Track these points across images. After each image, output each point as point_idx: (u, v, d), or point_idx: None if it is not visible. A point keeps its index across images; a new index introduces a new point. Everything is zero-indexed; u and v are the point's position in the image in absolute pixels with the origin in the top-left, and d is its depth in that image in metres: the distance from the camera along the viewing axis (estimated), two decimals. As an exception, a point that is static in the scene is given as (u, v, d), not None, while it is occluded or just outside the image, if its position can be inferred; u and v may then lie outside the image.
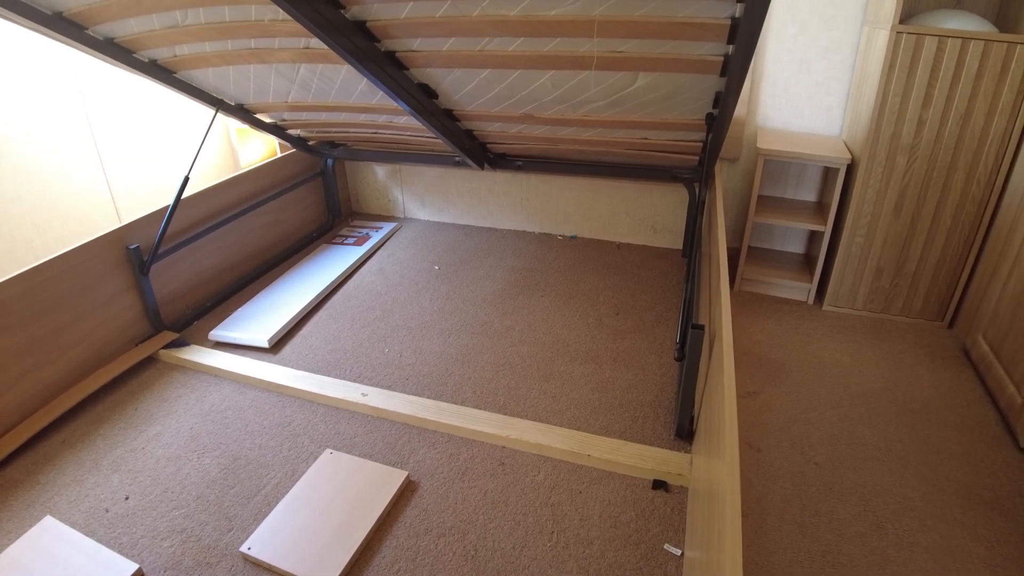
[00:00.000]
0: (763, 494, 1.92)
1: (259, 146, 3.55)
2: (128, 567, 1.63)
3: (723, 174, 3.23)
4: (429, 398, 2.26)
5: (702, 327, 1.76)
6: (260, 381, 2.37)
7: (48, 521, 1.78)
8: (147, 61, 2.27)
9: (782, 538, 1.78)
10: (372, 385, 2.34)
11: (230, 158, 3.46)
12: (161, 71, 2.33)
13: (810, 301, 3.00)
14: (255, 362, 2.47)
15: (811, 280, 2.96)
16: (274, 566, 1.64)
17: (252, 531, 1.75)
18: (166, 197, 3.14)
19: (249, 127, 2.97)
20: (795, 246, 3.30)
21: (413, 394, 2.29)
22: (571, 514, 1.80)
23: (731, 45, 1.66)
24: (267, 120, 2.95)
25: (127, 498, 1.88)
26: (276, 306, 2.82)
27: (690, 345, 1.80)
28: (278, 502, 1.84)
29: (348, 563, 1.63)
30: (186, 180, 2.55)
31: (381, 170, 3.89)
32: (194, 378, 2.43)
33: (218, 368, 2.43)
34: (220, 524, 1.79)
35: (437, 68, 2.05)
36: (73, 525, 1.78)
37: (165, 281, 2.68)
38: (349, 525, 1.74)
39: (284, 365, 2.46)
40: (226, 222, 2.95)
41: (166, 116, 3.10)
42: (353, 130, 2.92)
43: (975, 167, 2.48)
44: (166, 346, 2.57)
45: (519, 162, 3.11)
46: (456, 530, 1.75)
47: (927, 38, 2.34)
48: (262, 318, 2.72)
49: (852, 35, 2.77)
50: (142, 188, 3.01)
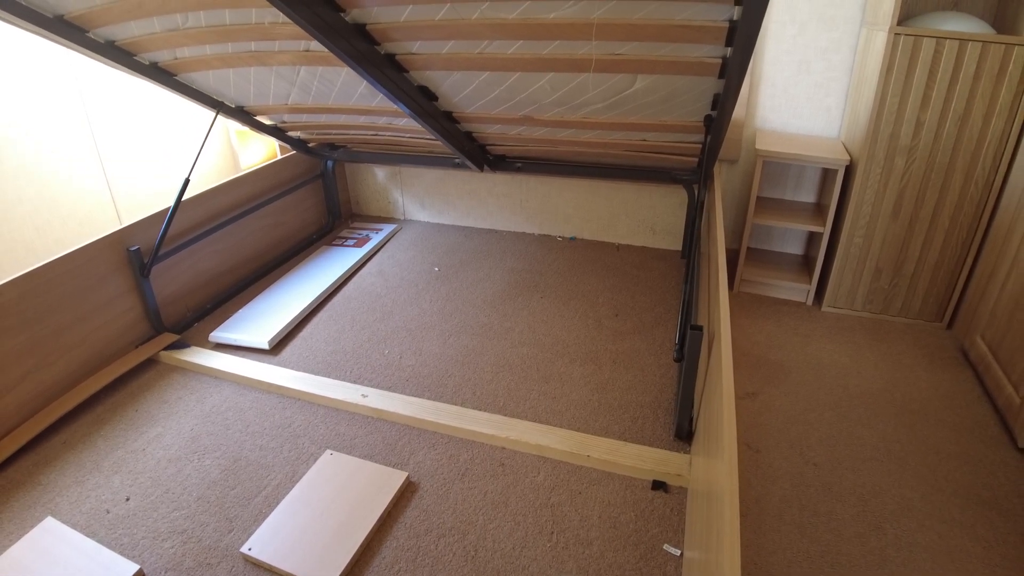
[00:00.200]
0: (762, 494, 1.93)
1: (259, 148, 3.56)
2: (129, 568, 1.64)
3: (722, 176, 3.23)
4: (429, 399, 2.27)
5: (700, 328, 1.77)
6: (260, 382, 2.37)
7: (49, 522, 1.78)
8: (148, 64, 2.28)
9: (781, 538, 1.78)
10: (372, 386, 2.35)
11: (230, 160, 3.47)
12: (162, 74, 2.34)
13: (809, 302, 3.01)
14: (255, 363, 2.47)
15: (810, 281, 2.97)
16: (274, 567, 1.64)
17: (253, 532, 1.75)
18: (166, 198, 3.14)
19: (249, 129, 2.97)
20: (794, 247, 3.30)
21: (413, 395, 2.29)
22: (571, 515, 1.80)
23: (729, 47, 1.66)
24: (267, 122, 2.96)
25: (128, 499, 1.89)
26: (276, 308, 2.83)
27: (689, 346, 1.81)
28: (278, 503, 1.85)
29: (348, 564, 1.64)
30: (187, 182, 2.56)
31: (381, 172, 3.90)
32: (195, 379, 2.43)
33: (218, 370, 2.44)
34: (221, 525, 1.80)
35: (437, 71, 2.06)
36: (74, 526, 1.79)
37: (165, 283, 2.68)
38: (349, 526, 1.74)
39: (284, 366, 2.47)
40: (226, 224, 2.96)
41: (166, 117, 3.11)
42: (353, 132, 2.92)
43: (973, 168, 2.49)
44: (167, 348, 2.57)
45: (519, 164, 3.11)
46: (456, 531, 1.76)
47: (925, 39, 2.35)
48: (262, 320, 2.72)
49: (851, 36, 2.78)
50: (142, 189, 3.01)
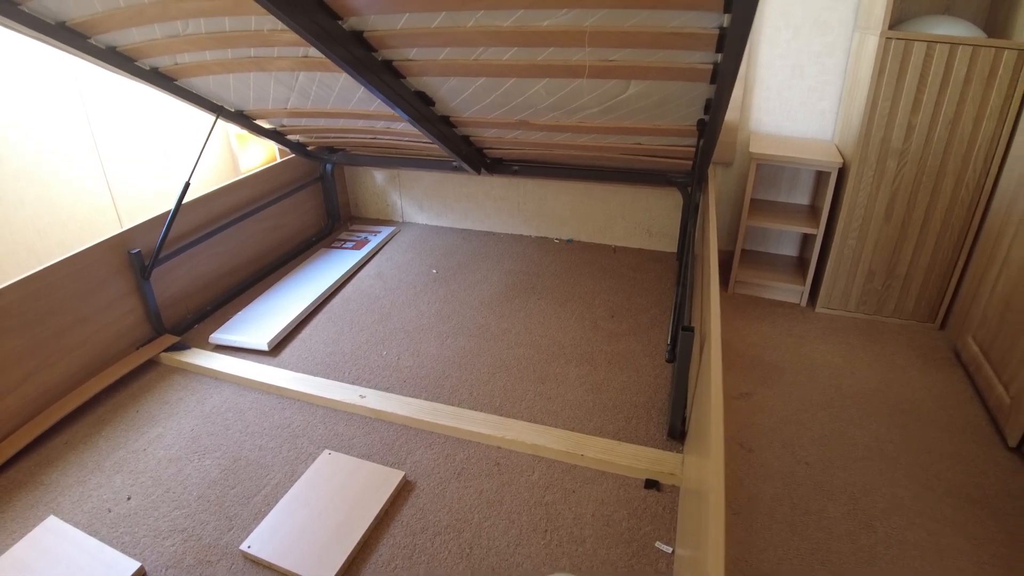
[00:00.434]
0: (754, 493, 1.95)
1: (259, 151, 3.59)
2: (130, 565, 1.67)
3: (717, 178, 3.26)
4: (426, 400, 2.30)
5: (692, 329, 1.80)
6: (260, 383, 2.40)
7: (52, 521, 1.81)
8: (148, 69, 2.31)
9: (772, 536, 1.81)
10: (370, 387, 2.38)
11: (230, 163, 3.49)
12: (162, 79, 2.37)
13: (803, 303, 3.04)
14: (255, 365, 2.50)
15: (804, 282, 2.99)
16: (274, 564, 1.67)
17: (252, 530, 1.78)
18: (167, 200, 3.17)
19: (249, 133, 3.00)
20: (789, 249, 3.33)
21: (410, 396, 2.32)
22: (565, 513, 1.83)
23: (720, 54, 1.69)
24: (267, 126, 2.99)
25: (129, 498, 1.91)
26: (276, 310, 2.86)
27: (680, 347, 1.84)
28: (277, 502, 1.88)
29: (346, 561, 1.67)
30: (187, 186, 2.59)
31: (380, 175, 3.93)
32: (195, 380, 2.46)
33: (219, 371, 2.47)
34: (221, 523, 1.82)
35: (433, 76, 2.09)
36: (76, 525, 1.81)
37: (166, 285, 2.71)
38: (347, 524, 1.77)
39: (284, 368, 2.50)
40: (226, 227, 2.99)
41: (167, 120, 3.13)
42: (351, 135, 2.95)
43: (964, 171, 2.52)
44: (167, 349, 2.60)
45: (515, 167, 3.14)
46: (452, 529, 1.79)
47: (916, 44, 2.38)
48: (262, 321, 2.75)
49: (844, 40, 2.81)
50: (143, 192, 3.04)
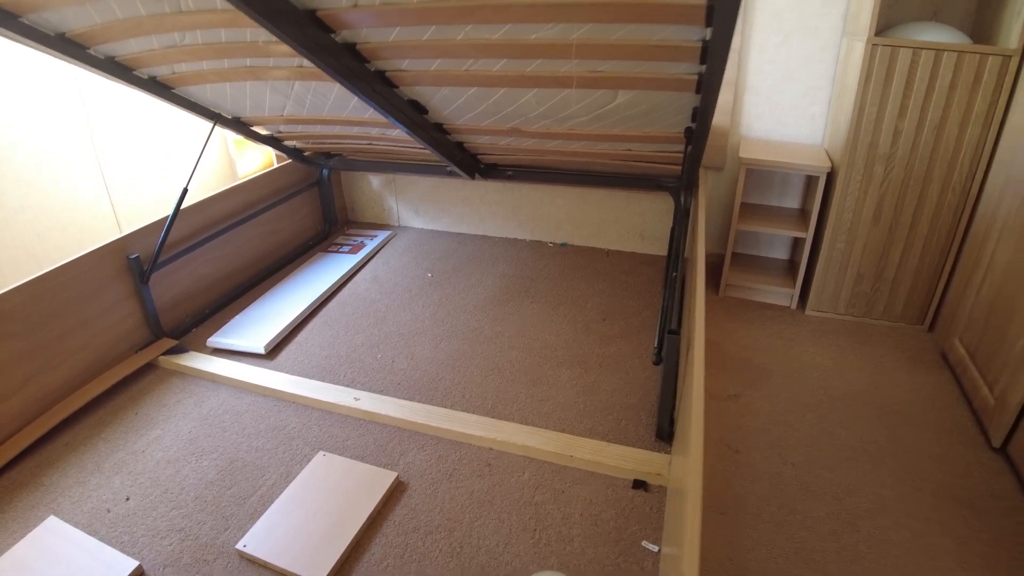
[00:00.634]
0: (741, 494, 1.99)
1: (256, 156, 3.63)
2: (129, 564, 1.70)
3: (708, 182, 3.30)
4: (420, 402, 2.34)
5: (677, 332, 1.84)
6: (257, 386, 2.44)
7: (52, 521, 1.85)
8: (146, 78, 2.35)
9: (758, 535, 1.84)
10: (365, 390, 2.41)
11: (228, 168, 3.53)
12: (160, 87, 2.41)
13: (793, 306, 3.07)
14: (252, 368, 2.54)
15: (794, 285, 3.03)
16: (268, 563, 1.71)
17: (248, 530, 1.82)
18: (165, 204, 3.20)
19: (246, 139, 3.04)
20: (780, 252, 3.37)
21: (404, 398, 2.36)
22: (554, 513, 1.87)
23: (704, 65, 1.73)
24: (263, 132, 3.03)
25: (128, 499, 1.95)
26: (273, 313, 2.89)
27: (666, 349, 1.87)
28: (273, 502, 1.91)
29: (339, 560, 1.70)
30: (184, 192, 2.63)
31: (376, 180, 3.97)
32: (193, 383, 2.50)
33: (216, 374, 2.50)
34: (217, 523, 1.86)
35: (426, 86, 2.12)
36: (76, 525, 1.85)
37: (164, 289, 2.75)
38: (340, 524, 1.81)
39: (280, 371, 2.53)
40: (224, 231, 3.03)
41: (166, 125, 3.16)
42: (348, 141, 2.99)
43: (950, 176, 2.55)
44: (165, 352, 2.64)
45: (509, 172, 3.18)
46: (443, 528, 1.82)
47: (901, 50, 2.41)
48: (259, 325, 2.79)
49: (833, 46, 2.84)
50: (142, 196, 3.07)
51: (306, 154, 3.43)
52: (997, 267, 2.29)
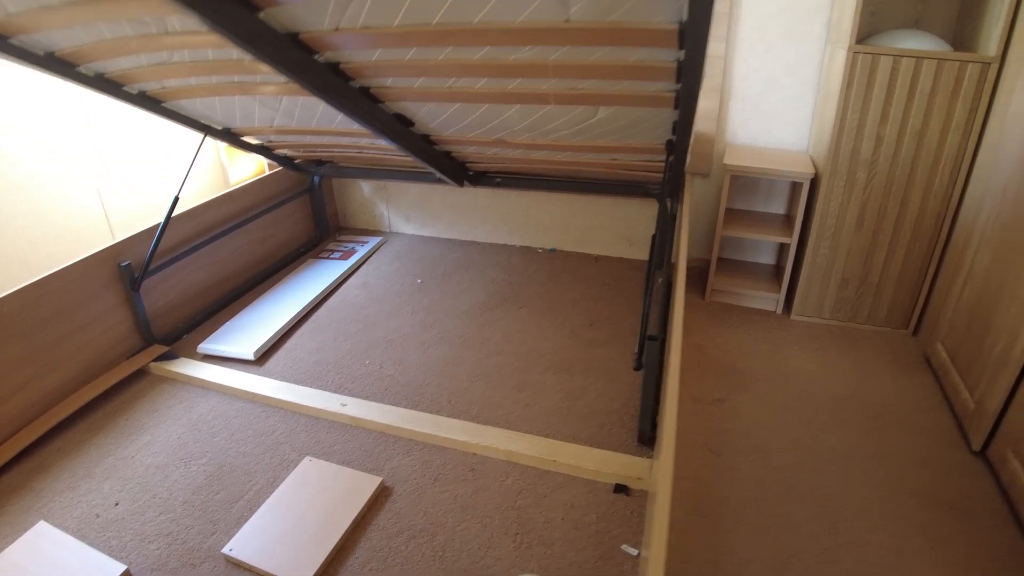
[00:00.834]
0: (723, 497, 2.02)
1: (248, 164, 3.65)
2: (116, 568, 1.73)
3: (693, 189, 3.33)
4: (406, 408, 2.36)
5: (657, 338, 1.87)
6: (246, 392, 2.46)
7: (42, 526, 1.87)
8: (135, 93, 2.37)
9: (738, 539, 1.87)
10: (352, 396, 2.44)
11: (220, 175, 3.56)
12: (149, 101, 2.43)
13: (779, 311, 3.10)
14: (241, 374, 2.56)
15: (779, 290, 3.06)
16: (254, 566, 1.73)
17: (234, 534, 1.84)
18: (157, 210, 3.22)
19: (237, 149, 3.07)
20: (767, 257, 3.40)
21: (391, 404, 2.39)
22: (536, 517, 1.89)
23: (680, 83, 1.76)
24: (254, 142, 3.05)
25: (117, 504, 1.98)
26: (263, 320, 2.92)
27: (647, 356, 1.90)
28: (260, 506, 1.94)
29: (323, 563, 1.73)
30: (176, 200, 2.66)
31: (367, 186, 4.00)
32: (183, 389, 2.53)
33: (206, 380, 2.53)
34: (204, 528, 1.89)
35: (410, 102, 2.15)
36: (66, 530, 1.87)
37: (156, 296, 2.78)
38: (325, 528, 1.83)
39: (269, 377, 2.56)
40: (216, 239, 3.05)
41: (160, 130, 3.18)
42: (338, 150, 3.02)
43: (932, 182, 2.58)
44: (157, 359, 2.66)
45: (498, 179, 3.21)
46: (426, 532, 1.85)
47: (882, 57, 2.44)
48: (249, 332, 2.82)
49: (818, 52, 2.87)
50: (134, 201, 3.08)
51: (297, 162, 3.45)
52: (977, 273, 2.33)
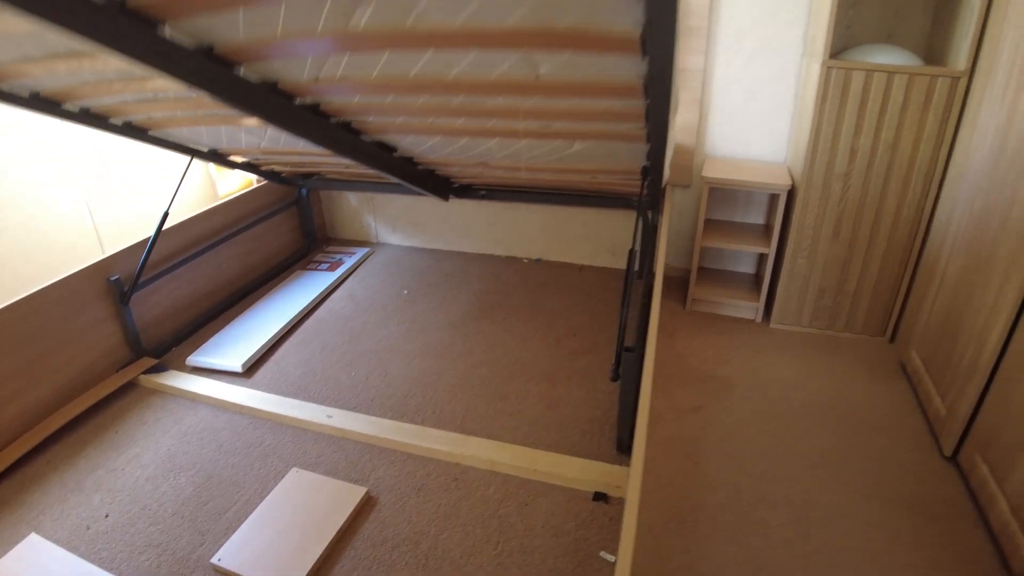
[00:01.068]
0: (699, 504, 2.07)
1: (237, 176, 3.69)
2: (106, 580, 1.77)
3: (674, 200, 3.39)
4: (391, 419, 2.40)
5: (633, 349, 1.92)
6: (234, 405, 2.50)
7: (33, 538, 1.91)
8: (121, 124, 2.39)
9: (712, 545, 1.92)
10: (339, 407, 2.48)
11: (209, 188, 3.59)
12: (135, 131, 2.44)
13: (759, 319, 3.16)
14: (229, 386, 2.60)
15: (759, 299, 3.12)
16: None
17: (223, 544, 1.88)
18: (147, 222, 3.23)
19: (224, 168, 3.10)
20: (747, 266, 3.46)
21: (376, 415, 2.43)
22: (516, 524, 1.94)
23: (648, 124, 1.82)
24: (241, 160, 3.09)
25: (107, 516, 2.01)
26: (251, 332, 2.96)
27: (624, 367, 1.95)
28: (248, 517, 1.98)
29: (310, 572, 1.77)
30: (165, 215, 2.70)
31: (354, 198, 4.04)
32: (172, 402, 2.56)
33: (195, 392, 2.57)
34: (193, 538, 1.93)
35: (392, 135, 2.21)
36: (57, 542, 1.91)
37: (145, 308, 2.81)
38: (311, 537, 1.88)
39: (257, 388, 2.60)
40: (205, 251, 3.09)
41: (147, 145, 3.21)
42: (325, 167, 3.05)
43: (905, 193, 2.65)
44: (146, 371, 2.70)
45: (482, 192, 3.25)
46: (410, 541, 1.89)
47: (855, 72, 2.51)
48: (237, 344, 2.86)
49: (795, 65, 2.93)
50: (124, 213, 3.09)
51: (283, 175, 3.49)
52: (947, 283, 2.39)
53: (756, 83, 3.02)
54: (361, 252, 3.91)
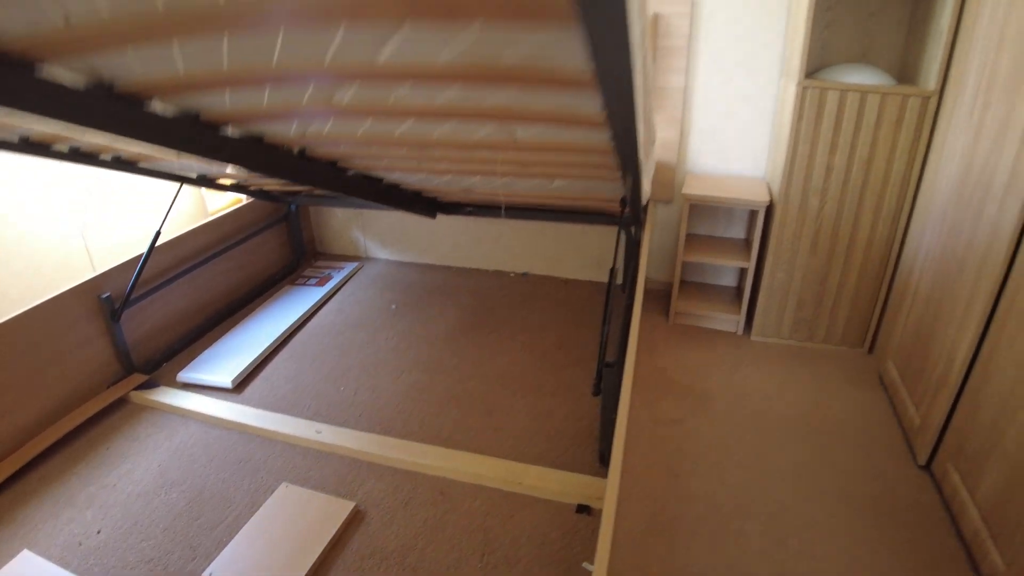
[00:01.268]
0: (677, 515, 2.12)
1: (226, 192, 3.73)
2: (98, 595, 1.81)
3: (656, 215, 3.46)
4: (379, 434, 2.45)
5: (612, 364, 1.97)
6: (224, 421, 2.54)
7: (25, 554, 1.94)
8: (111, 159, 2.42)
9: (690, 555, 1.97)
10: (327, 422, 2.52)
11: (199, 205, 3.63)
12: (125, 164, 2.47)
13: (740, 332, 3.22)
14: (220, 402, 2.64)
15: (739, 312, 3.18)
16: (231, 591, 1.82)
17: (214, 558, 1.92)
18: (136, 240, 3.25)
19: (213, 190, 3.13)
20: (729, 280, 3.52)
21: (364, 430, 2.47)
22: (501, 536, 1.99)
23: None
24: (230, 182, 3.12)
25: (99, 531, 2.04)
26: (240, 347, 3.00)
27: (604, 382, 2.01)
28: (239, 531, 2.01)
29: (298, 586, 1.82)
30: (157, 235, 2.74)
31: (343, 212, 4.09)
32: (163, 418, 2.60)
33: (185, 408, 2.60)
34: (185, 553, 1.96)
35: (378, 171, 2.27)
36: (49, 558, 1.94)
37: (136, 325, 2.85)
38: (301, 551, 1.92)
39: (246, 404, 2.64)
40: (195, 267, 3.13)
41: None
42: (312, 187, 3.10)
43: (880, 208, 2.71)
44: (137, 388, 2.73)
45: (469, 208, 3.31)
46: (397, 553, 1.94)
47: (830, 92, 2.58)
48: (227, 359, 2.90)
49: (773, 83, 3.00)
50: (114, 231, 3.11)
51: (273, 193, 3.54)
52: (920, 296, 2.46)
53: (735, 101, 3.09)
54: (350, 267, 3.96)
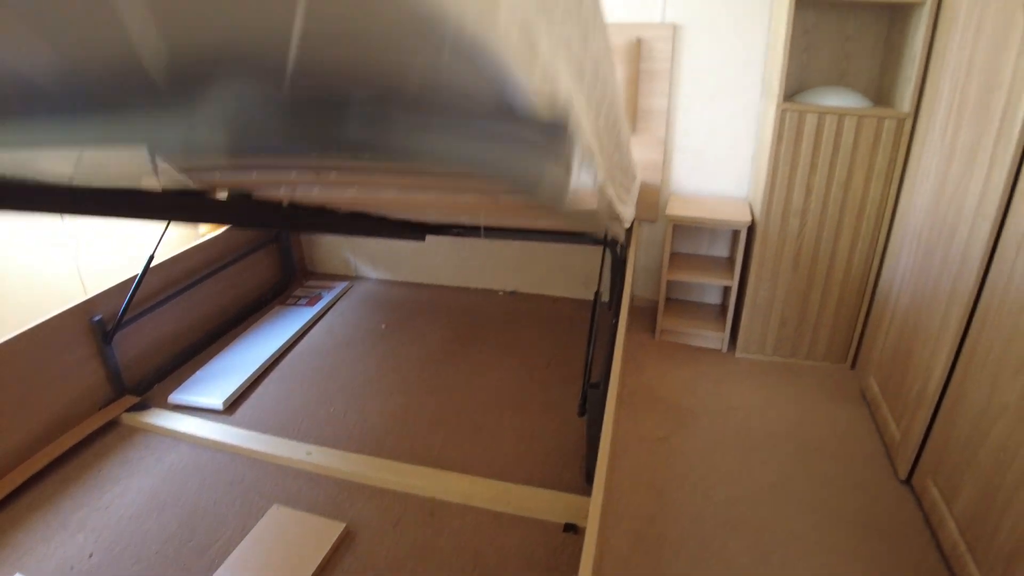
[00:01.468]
0: (662, 531, 2.16)
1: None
2: (91, 619, 1.83)
3: (641, 235, 3.51)
4: (368, 455, 2.47)
5: (597, 385, 2.02)
6: (215, 442, 2.56)
7: (17, 580, 1.97)
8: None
9: (675, 571, 2.01)
10: (317, 443, 2.55)
11: (191, 226, 3.66)
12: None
13: (724, 349, 3.27)
14: (211, 424, 2.66)
15: (724, 329, 3.23)
16: (223, 613, 1.84)
17: (205, 581, 1.95)
18: (127, 259, 3.27)
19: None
20: (713, 297, 3.58)
21: (355, 451, 2.50)
22: (490, 556, 2.02)
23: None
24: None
25: (91, 555, 2.06)
26: (231, 369, 3.03)
27: (589, 402, 2.05)
28: (230, 553, 2.04)
29: (289, 607, 1.85)
30: (151, 259, 2.77)
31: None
32: (155, 440, 2.62)
33: (176, 431, 2.62)
34: (177, 575, 1.99)
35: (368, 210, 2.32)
36: (41, 583, 1.97)
37: (127, 347, 2.87)
38: (292, 573, 1.94)
39: (237, 426, 2.66)
40: (186, 289, 3.16)
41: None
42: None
43: (859, 227, 2.78)
44: (128, 410, 2.75)
45: (456, 230, 3.35)
46: (387, 573, 1.96)
47: (808, 114, 2.64)
48: (218, 381, 2.92)
49: (755, 105, 3.07)
50: (104, 254, 3.15)
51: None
52: (899, 314, 2.51)
53: (717, 123, 3.16)
54: (340, 286, 3.99)
